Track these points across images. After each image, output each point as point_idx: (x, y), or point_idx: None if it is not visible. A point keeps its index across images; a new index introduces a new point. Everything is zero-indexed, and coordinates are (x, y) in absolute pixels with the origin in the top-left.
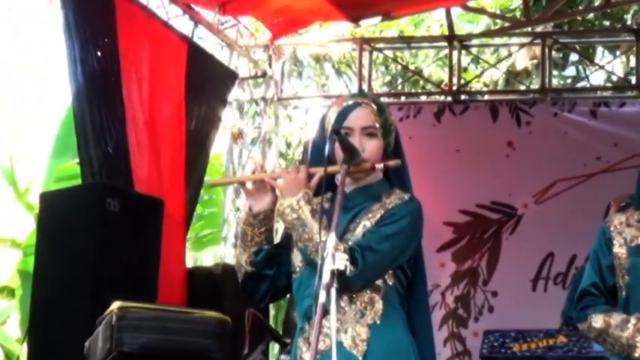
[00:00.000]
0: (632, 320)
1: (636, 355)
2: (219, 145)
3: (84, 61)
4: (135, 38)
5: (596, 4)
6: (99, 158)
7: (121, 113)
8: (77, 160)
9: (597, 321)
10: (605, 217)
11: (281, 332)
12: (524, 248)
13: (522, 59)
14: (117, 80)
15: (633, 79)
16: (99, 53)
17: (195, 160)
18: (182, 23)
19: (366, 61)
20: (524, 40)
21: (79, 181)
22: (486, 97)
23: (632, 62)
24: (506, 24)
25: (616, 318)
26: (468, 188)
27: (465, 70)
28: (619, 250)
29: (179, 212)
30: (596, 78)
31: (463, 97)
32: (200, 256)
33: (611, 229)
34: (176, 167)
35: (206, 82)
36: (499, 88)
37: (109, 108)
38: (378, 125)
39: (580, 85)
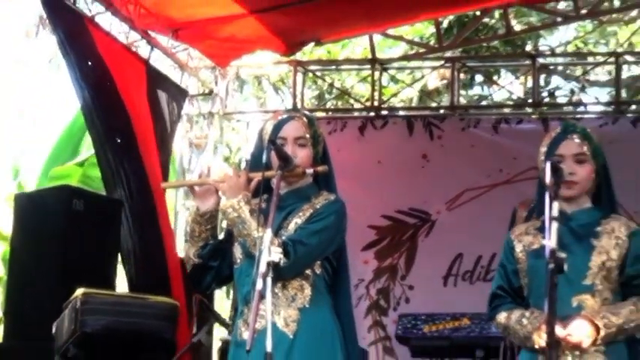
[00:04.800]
0: (527, 314)
1: (529, 344)
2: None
3: (80, 66)
4: (110, 56)
5: (499, 32)
6: (107, 148)
7: (123, 111)
8: (71, 162)
9: (502, 318)
10: (511, 220)
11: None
12: (437, 249)
13: (434, 80)
14: (111, 84)
15: (530, 99)
16: (90, 63)
17: (164, 165)
18: (140, 47)
19: (299, 80)
20: (437, 63)
21: (69, 181)
22: (403, 112)
23: (530, 83)
24: (421, 49)
25: (516, 314)
26: (389, 196)
27: (385, 87)
28: (520, 255)
29: (164, 210)
30: (498, 97)
31: (383, 112)
32: None
33: (513, 237)
34: (156, 167)
35: (162, 99)
36: (414, 105)
37: (110, 107)
38: (308, 136)
39: (484, 103)
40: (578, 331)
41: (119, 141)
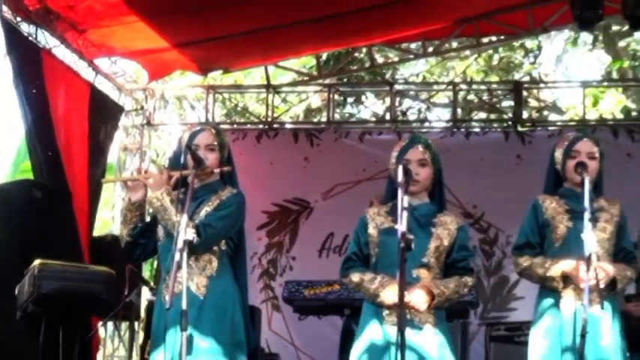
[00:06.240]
0: (379, 277)
1: (377, 300)
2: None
3: (27, 95)
4: (54, 82)
5: (365, 65)
6: (42, 161)
7: (52, 131)
8: None
9: (355, 277)
10: None
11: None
12: (314, 229)
13: (316, 101)
14: (46, 109)
15: (388, 116)
16: (34, 91)
17: (97, 167)
18: (87, 73)
19: (210, 100)
20: (317, 88)
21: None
22: (290, 126)
23: (388, 104)
24: (305, 77)
25: (368, 275)
26: (278, 188)
27: (277, 107)
28: (372, 231)
29: (84, 202)
30: (364, 114)
31: (275, 126)
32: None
33: (367, 216)
34: (82, 170)
35: (103, 113)
36: (300, 120)
37: (44, 127)
38: (216, 143)
39: (353, 119)
40: (418, 298)
41: (50, 154)
